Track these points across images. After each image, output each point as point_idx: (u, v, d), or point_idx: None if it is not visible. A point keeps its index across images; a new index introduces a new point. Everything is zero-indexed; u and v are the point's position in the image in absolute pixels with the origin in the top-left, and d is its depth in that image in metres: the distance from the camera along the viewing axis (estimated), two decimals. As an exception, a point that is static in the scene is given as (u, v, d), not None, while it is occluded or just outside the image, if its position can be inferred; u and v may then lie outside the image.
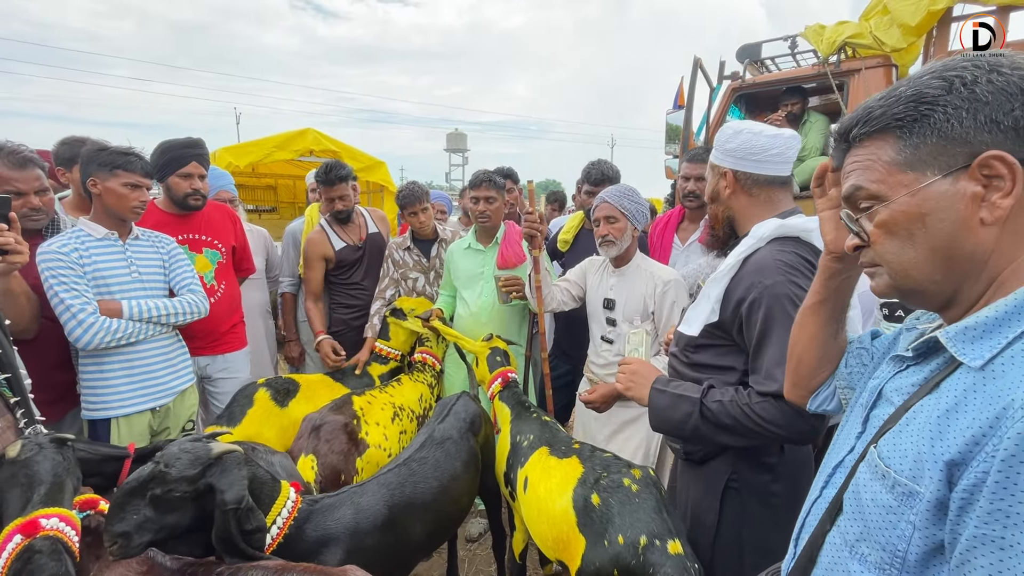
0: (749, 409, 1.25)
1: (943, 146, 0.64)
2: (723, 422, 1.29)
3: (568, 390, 2.82)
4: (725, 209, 1.44)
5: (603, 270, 2.30)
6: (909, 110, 0.66)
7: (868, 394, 0.80)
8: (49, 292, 1.86)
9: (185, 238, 2.40)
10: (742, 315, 1.30)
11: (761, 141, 1.35)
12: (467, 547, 2.84)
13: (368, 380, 2.65)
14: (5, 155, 1.86)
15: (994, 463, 0.54)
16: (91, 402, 1.99)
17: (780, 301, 1.24)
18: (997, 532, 0.53)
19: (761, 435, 1.25)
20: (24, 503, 1.14)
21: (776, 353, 1.23)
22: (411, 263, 2.93)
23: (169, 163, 2.33)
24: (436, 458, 1.85)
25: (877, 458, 0.68)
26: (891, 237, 0.69)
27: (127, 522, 1.17)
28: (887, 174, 0.68)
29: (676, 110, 4.72)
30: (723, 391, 1.32)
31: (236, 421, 2.18)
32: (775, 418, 1.22)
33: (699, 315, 1.37)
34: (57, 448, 1.24)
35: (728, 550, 1.42)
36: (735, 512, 1.41)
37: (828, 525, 0.76)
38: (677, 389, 1.38)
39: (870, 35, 3.79)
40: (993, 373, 0.59)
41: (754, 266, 1.30)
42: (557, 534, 1.60)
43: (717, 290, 1.34)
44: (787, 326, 1.20)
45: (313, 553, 1.45)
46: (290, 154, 4.96)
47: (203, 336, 2.42)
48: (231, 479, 1.25)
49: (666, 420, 1.39)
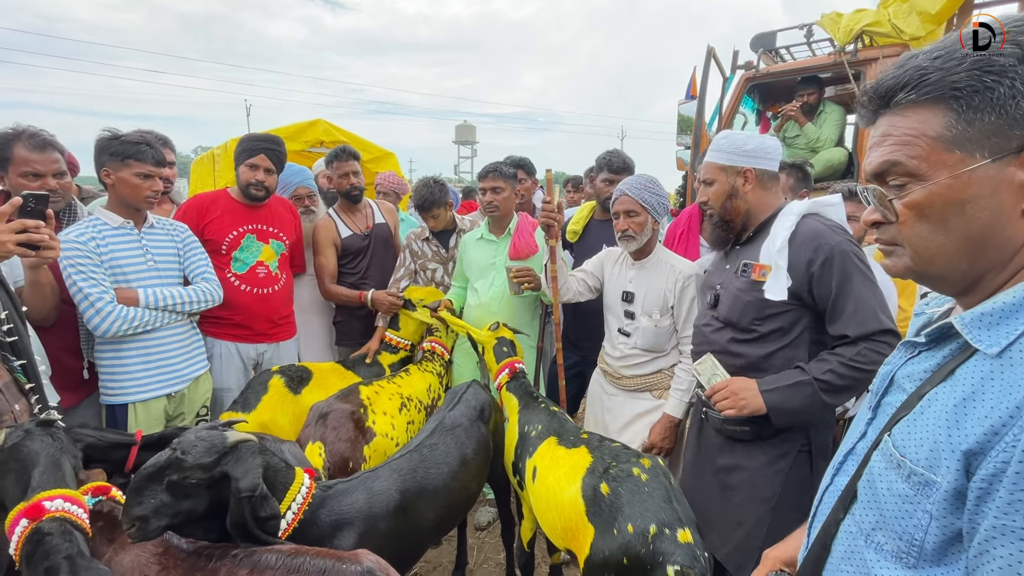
0: (854, 361, 1.42)
1: (1000, 127, 0.57)
2: (841, 385, 1.44)
3: (577, 381, 2.82)
4: (744, 203, 1.66)
5: (622, 262, 2.27)
6: (973, 79, 0.57)
7: (880, 380, 0.78)
8: (68, 281, 1.90)
9: (253, 228, 2.52)
10: (814, 275, 1.48)
11: (770, 142, 1.64)
12: (476, 535, 2.87)
13: (379, 369, 2.67)
14: (26, 137, 1.90)
15: (1015, 453, 0.53)
16: (109, 388, 2.04)
17: (846, 256, 1.46)
18: (1017, 522, 0.52)
19: (869, 380, 1.34)
20: (23, 488, 1.14)
21: (858, 299, 1.43)
22: (430, 254, 2.93)
23: (243, 152, 2.48)
24: (447, 445, 1.87)
25: (892, 447, 0.67)
26: (922, 220, 0.63)
27: (145, 506, 1.20)
28: (930, 152, 0.61)
29: (689, 100, 4.66)
30: (817, 364, 1.48)
31: (251, 407, 2.21)
32: (876, 357, 1.39)
33: (779, 283, 1.51)
34: (45, 431, 1.23)
35: (787, 518, 1.49)
36: (802, 476, 1.56)
37: (842, 513, 0.75)
38: (782, 382, 1.50)
39: (888, 23, 3.70)
40: (1011, 361, 0.58)
41: (807, 235, 1.51)
42: (566, 523, 1.61)
43: (784, 259, 1.50)
44: (857, 274, 1.45)
45: (328, 537, 1.47)
46: (301, 145, 4.97)
47: (264, 324, 2.53)
48: (246, 467, 1.27)
49: (791, 412, 1.50)
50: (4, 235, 1.44)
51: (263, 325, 2.54)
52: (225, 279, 2.42)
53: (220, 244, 2.45)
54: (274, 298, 2.56)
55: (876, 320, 1.42)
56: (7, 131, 1.90)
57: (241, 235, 2.49)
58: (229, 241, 2.47)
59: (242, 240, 2.49)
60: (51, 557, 1.05)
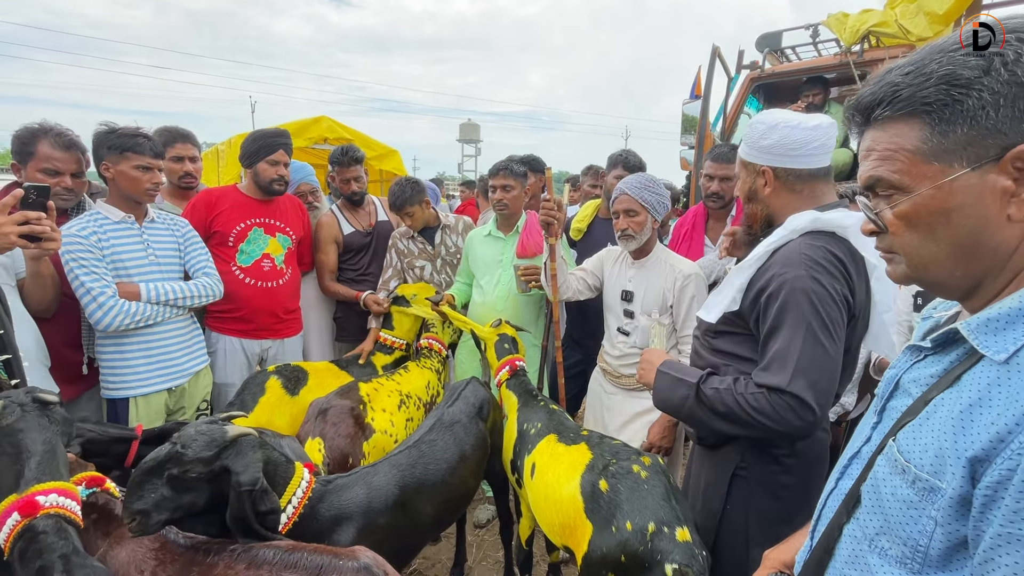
0: (742, 398, 1.25)
1: (973, 136, 0.59)
2: (717, 408, 1.29)
3: (579, 379, 2.82)
4: (764, 208, 1.40)
5: (622, 261, 2.27)
6: (940, 94, 0.59)
7: (885, 384, 0.78)
8: (70, 275, 1.90)
9: (261, 221, 2.54)
10: (760, 305, 1.29)
11: (800, 135, 1.29)
12: (475, 532, 2.87)
13: (372, 370, 2.65)
14: (53, 136, 1.92)
15: (1021, 460, 0.52)
16: (110, 382, 2.04)
17: (796, 296, 1.21)
18: (1023, 530, 0.52)
19: (751, 425, 1.25)
20: (15, 477, 1.09)
21: (781, 347, 1.22)
22: (416, 251, 2.92)
23: (259, 150, 2.49)
24: (445, 441, 1.87)
25: (896, 452, 0.67)
26: (911, 230, 0.65)
27: (145, 500, 1.19)
28: (910, 165, 0.63)
29: (693, 100, 4.64)
30: (722, 379, 1.33)
31: (248, 409, 2.20)
32: (765, 409, 1.22)
33: (720, 302, 1.37)
34: (41, 411, 1.17)
35: (733, 536, 1.43)
36: (742, 499, 1.41)
37: (845, 518, 0.74)
38: (679, 372, 1.40)
39: (895, 23, 3.68)
40: (1018, 367, 0.57)
41: (780, 258, 1.28)
42: (564, 520, 1.61)
43: (741, 279, 1.33)
44: (799, 322, 1.20)
45: (327, 531, 1.47)
46: (305, 141, 4.96)
47: (267, 319, 2.54)
48: (246, 461, 1.27)
49: (665, 400, 1.42)
50: (7, 227, 1.45)
51: (266, 319, 2.55)
52: (229, 272, 2.42)
53: (227, 236, 2.46)
54: (279, 292, 2.56)
55: (783, 377, 1.20)
56: (34, 126, 1.92)
57: (248, 227, 2.51)
58: (236, 233, 2.48)
59: (249, 232, 2.51)
60: (45, 556, 1.03)
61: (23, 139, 1.91)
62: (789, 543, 1.00)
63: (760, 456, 1.38)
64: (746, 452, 1.40)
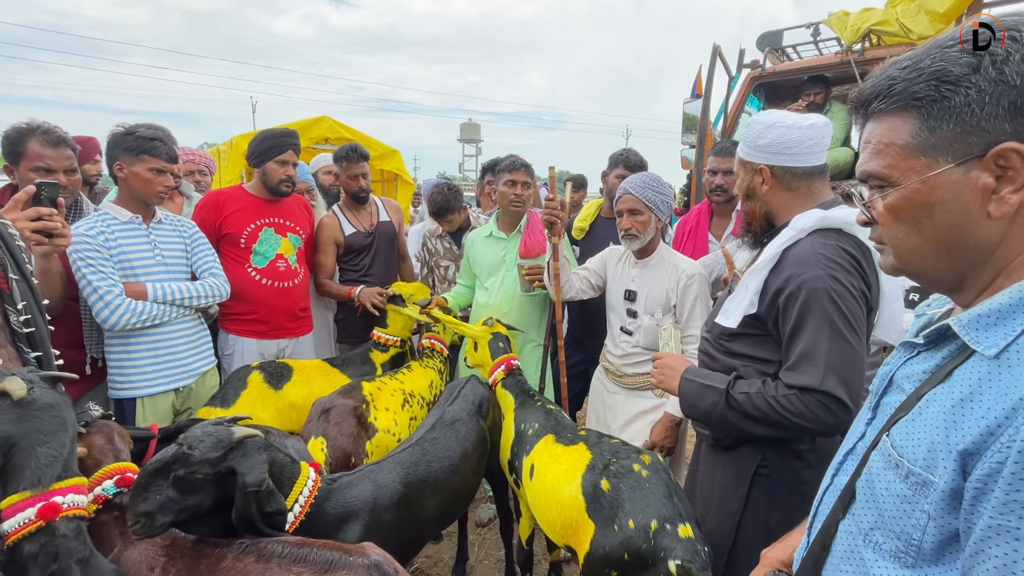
0: (775, 401, 1.27)
1: (959, 133, 0.61)
2: (749, 413, 1.31)
3: (582, 379, 2.82)
4: (762, 205, 1.43)
5: (625, 261, 2.27)
6: (930, 90, 0.61)
7: (879, 380, 0.79)
8: (77, 275, 1.91)
9: (271, 221, 2.55)
10: (779, 307, 1.31)
11: (796, 134, 1.34)
12: (477, 531, 2.89)
13: (370, 368, 2.64)
14: (40, 133, 1.91)
15: (1010, 453, 0.53)
16: (117, 382, 2.06)
17: (817, 295, 1.24)
18: (1012, 522, 0.53)
19: (786, 426, 1.27)
20: (35, 468, 1.03)
21: (808, 347, 1.25)
22: (442, 251, 2.94)
23: (269, 150, 2.50)
24: (447, 439, 1.89)
25: (890, 447, 0.68)
26: (898, 222, 0.68)
27: (150, 502, 1.20)
28: (899, 158, 0.65)
29: (694, 99, 4.65)
30: (751, 382, 1.35)
31: (230, 403, 2.19)
32: (800, 410, 1.24)
33: (738, 306, 1.39)
34: (53, 391, 1.13)
35: (752, 536, 1.43)
36: (763, 499, 1.42)
37: (841, 513, 0.76)
38: (705, 379, 1.41)
39: (896, 22, 3.68)
40: (1008, 362, 0.58)
41: (794, 258, 1.30)
42: (565, 520, 1.62)
43: (756, 282, 1.35)
44: (822, 320, 1.23)
45: (334, 529, 1.49)
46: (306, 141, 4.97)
47: (284, 319, 2.57)
48: (252, 462, 1.27)
49: (694, 408, 1.43)
50: (20, 223, 1.45)
51: (282, 319, 2.57)
52: (245, 273, 2.44)
53: (239, 238, 2.48)
54: (294, 292, 2.59)
55: (815, 377, 1.22)
56: (21, 126, 1.92)
57: (259, 228, 2.52)
58: (248, 234, 2.49)
59: (260, 233, 2.52)
60: (61, 559, 1.02)
61: (12, 139, 1.90)
62: (786, 541, 1.01)
63: (783, 454, 1.40)
64: (767, 451, 1.41)
